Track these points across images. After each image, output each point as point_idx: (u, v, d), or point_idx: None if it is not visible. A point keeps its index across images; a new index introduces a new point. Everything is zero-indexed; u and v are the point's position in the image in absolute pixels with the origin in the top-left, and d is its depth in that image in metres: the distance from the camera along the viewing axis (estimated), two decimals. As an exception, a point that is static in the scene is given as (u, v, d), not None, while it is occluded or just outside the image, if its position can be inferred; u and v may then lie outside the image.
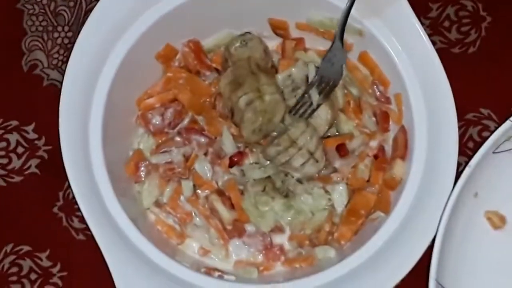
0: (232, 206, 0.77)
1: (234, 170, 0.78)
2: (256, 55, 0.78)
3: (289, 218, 0.78)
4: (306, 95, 0.77)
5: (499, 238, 0.79)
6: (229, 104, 0.77)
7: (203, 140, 0.79)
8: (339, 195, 0.77)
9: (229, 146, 0.78)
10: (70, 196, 0.83)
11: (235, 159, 0.78)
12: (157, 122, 0.79)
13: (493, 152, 0.75)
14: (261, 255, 0.78)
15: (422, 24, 0.74)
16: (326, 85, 0.77)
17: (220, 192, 0.78)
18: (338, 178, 0.78)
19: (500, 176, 0.78)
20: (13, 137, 0.85)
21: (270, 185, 0.77)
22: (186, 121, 0.80)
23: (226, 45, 0.79)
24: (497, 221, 0.78)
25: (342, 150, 0.78)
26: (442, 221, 0.71)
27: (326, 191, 0.77)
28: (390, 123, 0.78)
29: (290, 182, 0.77)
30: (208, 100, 0.80)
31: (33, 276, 0.82)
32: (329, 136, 0.79)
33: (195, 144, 0.79)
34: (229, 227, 0.78)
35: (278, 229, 0.78)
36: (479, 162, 0.72)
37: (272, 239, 0.78)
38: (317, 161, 0.76)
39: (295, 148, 0.75)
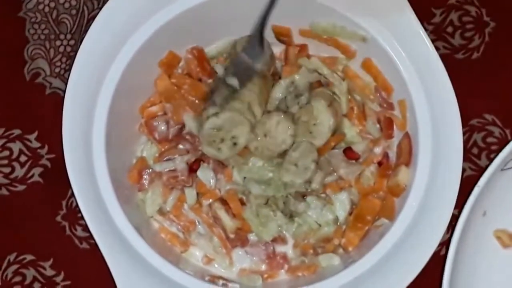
0: (235, 215, 0.77)
1: (237, 178, 0.78)
2: None
3: (293, 230, 0.78)
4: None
5: (509, 256, 0.78)
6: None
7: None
8: (341, 203, 0.77)
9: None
10: (74, 204, 0.83)
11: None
12: (163, 130, 0.79)
13: (501, 170, 0.74)
14: (264, 264, 0.78)
15: (426, 29, 0.74)
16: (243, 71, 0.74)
17: (223, 201, 0.77)
18: (343, 185, 0.78)
19: (508, 193, 0.77)
20: (16, 146, 0.85)
21: (273, 199, 0.77)
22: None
23: (233, 43, 0.79)
24: (506, 239, 0.78)
25: (349, 153, 0.78)
26: (452, 242, 0.71)
27: (328, 201, 0.77)
28: (394, 129, 0.78)
29: (291, 202, 0.76)
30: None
31: (36, 286, 0.82)
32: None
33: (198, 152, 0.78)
34: (232, 236, 0.77)
35: (281, 239, 0.78)
36: (487, 181, 0.72)
37: (275, 248, 0.78)
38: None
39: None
